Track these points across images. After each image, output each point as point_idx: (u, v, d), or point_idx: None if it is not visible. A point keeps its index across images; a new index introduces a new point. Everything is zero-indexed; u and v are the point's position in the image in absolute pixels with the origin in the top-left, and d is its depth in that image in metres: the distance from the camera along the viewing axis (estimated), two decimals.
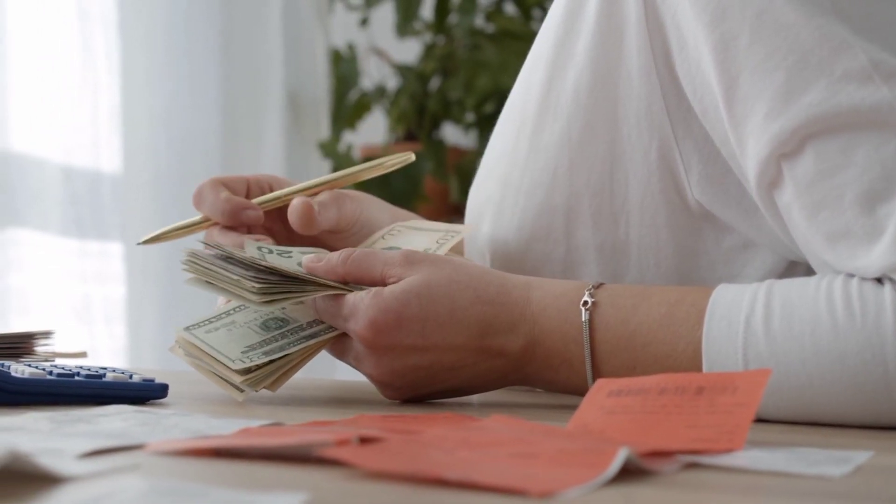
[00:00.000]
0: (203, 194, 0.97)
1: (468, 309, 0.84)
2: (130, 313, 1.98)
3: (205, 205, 0.97)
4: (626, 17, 0.88)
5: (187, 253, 0.90)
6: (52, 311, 1.83)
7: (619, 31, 0.89)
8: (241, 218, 0.97)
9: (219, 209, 0.96)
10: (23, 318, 1.79)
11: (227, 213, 0.96)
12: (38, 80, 1.85)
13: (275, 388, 0.86)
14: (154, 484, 0.48)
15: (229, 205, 0.96)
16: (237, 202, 0.96)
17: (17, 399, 0.81)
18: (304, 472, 0.55)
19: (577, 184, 0.92)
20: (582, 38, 0.91)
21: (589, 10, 0.91)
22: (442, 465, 0.53)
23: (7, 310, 1.79)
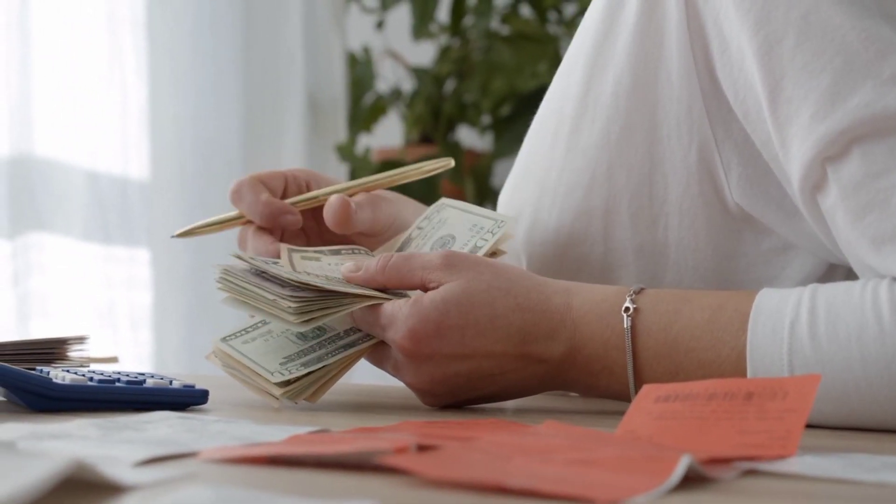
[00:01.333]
0: (242, 193, 0.97)
1: (508, 316, 0.83)
2: (157, 319, 1.98)
3: (243, 204, 0.97)
4: (666, 19, 0.88)
5: (220, 270, 0.89)
6: (74, 315, 1.83)
7: (659, 33, 0.89)
8: (278, 222, 0.96)
9: (257, 211, 0.96)
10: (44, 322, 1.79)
11: (265, 215, 0.96)
12: (64, 84, 1.85)
13: (314, 400, 0.85)
14: (221, 493, 0.47)
15: (268, 208, 0.96)
16: (276, 206, 0.96)
17: (59, 405, 0.80)
18: (364, 479, 0.55)
19: (616, 185, 0.92)
20: (621, 40, 0.91)
21: (629, 12, 0.90)
22: (503, 473, 0.53)
23: (28, 314, 1.78)
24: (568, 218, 0.94)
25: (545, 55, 2.44)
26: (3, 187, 1.77)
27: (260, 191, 0.97)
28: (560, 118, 0.96)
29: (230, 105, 2.18)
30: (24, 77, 1.79)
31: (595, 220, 0.93)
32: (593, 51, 0.93)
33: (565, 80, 0.97)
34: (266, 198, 0.97)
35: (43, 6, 1.82)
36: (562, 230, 0.94)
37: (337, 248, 0.97)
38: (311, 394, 0.85)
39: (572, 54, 0.98)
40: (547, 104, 1.00)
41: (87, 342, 1.01)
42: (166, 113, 2.06)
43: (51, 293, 1.83)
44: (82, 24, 1.89)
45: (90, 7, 1.90)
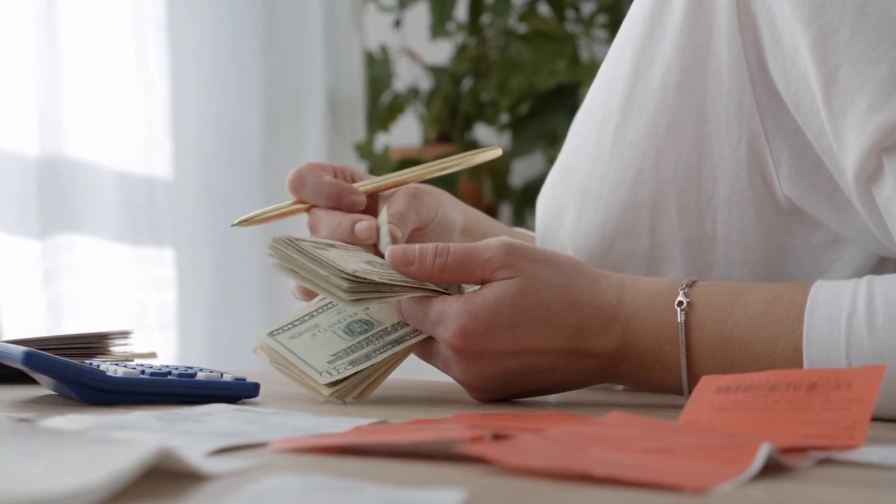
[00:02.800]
0: (304, 178, 0.96)
1: (562, 314, 0.83)
2: (182, 319, 1.98)
3: (307, 188, 0.96)
4: (715, 11, 0.88)
5: (274, 238, 0.88)
6: (104, 316, 1.83)
7: (708, 26, 0.88)
8: (345, 201, 0.96)
9: (324, 192, 0.96)
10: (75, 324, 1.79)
11: (332, 196, 0.96)
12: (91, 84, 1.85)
13: (363, 399, 0.85)
14: (309, 481, 0.47)
15: (335, 188, 0.96)
16: (342, 186, 0.96)
17: (111, 398, 0.80)
18: (440, 468, 0.54)
19: (664, 179, 0.91)
20: (669, 33, 0.91)
21: (676, 5, 0.90)
22: (586, 462, 0.53)
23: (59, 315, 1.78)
24: (614, 212, 0.94)
25: (563, 53, 2.43)
26: (33, 188, 1.77)
27: (322, 174, 0.97)
28: (606, 113, 0.96)
29: (251, 104, 2.17)
30: (52, 78, 1.79)
31: (642, 214, 0.93)
32: (640, 45, 0.93)
33: (611, 75, 0.97)
34: (330, 178, 0.97)
35: (70, 7, 1.82)
36: (608, 224, 0.94)
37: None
38: (359, 392, 0.85)
39: (617, 49, 0.97)
40: (591, 100, 1.00)
41: (131, 337, 1.01)
42: (189, 112, 2.06)
43: (81, 294, 1.82)
44: (109, 24, 1.89)
45: (116, 7, 1.90)
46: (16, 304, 1.75)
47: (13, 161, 1.76)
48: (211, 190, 2.08)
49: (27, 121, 1.77)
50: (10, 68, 1.75)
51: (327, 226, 0.95)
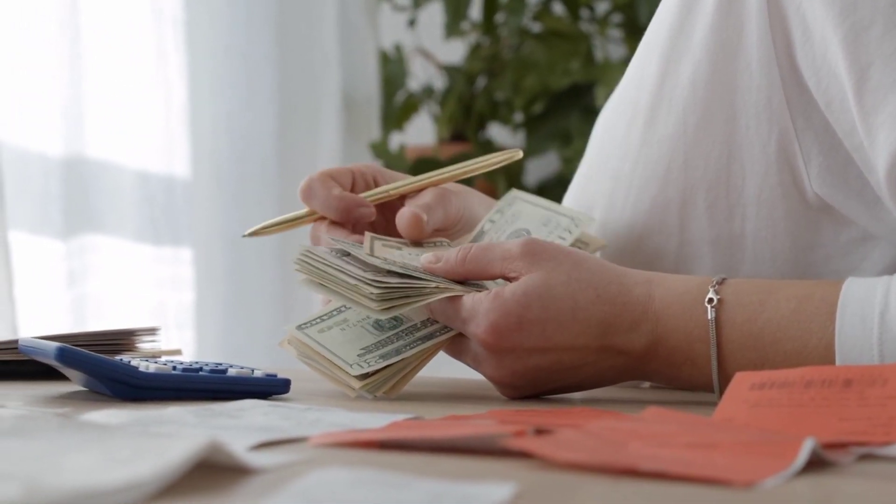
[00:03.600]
0: (314, 189, 0.96)
1: (589, 308, 0.83)
2: (199, 318, 1.98)
3: (316, 200, 0.96)
4: (746, 8, 0.88)
5: (301, 251, 0.88)
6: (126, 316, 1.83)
7: (738, 23, 0.88)
8: (352, 215, 0.96)
9: (332, 206, 0.95)
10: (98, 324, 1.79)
11: (340, 210, 0.95)
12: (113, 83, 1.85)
13: (393, 394, 0.85)
14: (358, 475, 0.47)
15: (343, 202, 0.95)
16: (350, 199, 0.96)
17: (143, 394, 0.80)
18: (483, 463, 0.54)
19: (693, 177, 0.91)
20: (699, 31, 0.91)
21: (706, 3, 0.90)
22: (630, 456, 0.53)
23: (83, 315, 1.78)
24: (643, 210, 0.94)
25: (577, 53, 2.43)
26: (57, 188, 1.77)
27: (331, 186, 0.97)
28: (634, 110, 0.96)
29: (266, 104, 2.17)
30: (74, 77, 1.79)
31: (671, 211, 0.92)
32: (669, 42, 0.93)
33: (639, 73, 0.97)
34: (339, 192, 0.96)
35: (92, 7, 1.82)
36: (637, 222, 0.94)
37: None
38: (389, 387, 0.84)
39: (645, 47, 0.97)
40: (619, 97, 1.00)
41: (158, 333, 1.01)
42: (205, 112, 2.06)
43: (103, 294, 1.83)
44: (129, 23, 1.89)
45: (136, 6, 1.90)
46: (40, 304, 1.75)
47: (37, 161, 1.76)
48: (226, 189, 2.09)
49: (51, 121, 1.78)
50: (35, 69, 1.75)
51: (327, 243, 0.95)
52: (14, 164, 1.73)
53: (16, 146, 1.74)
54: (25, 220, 1.75)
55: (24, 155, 1.76)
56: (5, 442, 0.48)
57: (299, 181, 2.39)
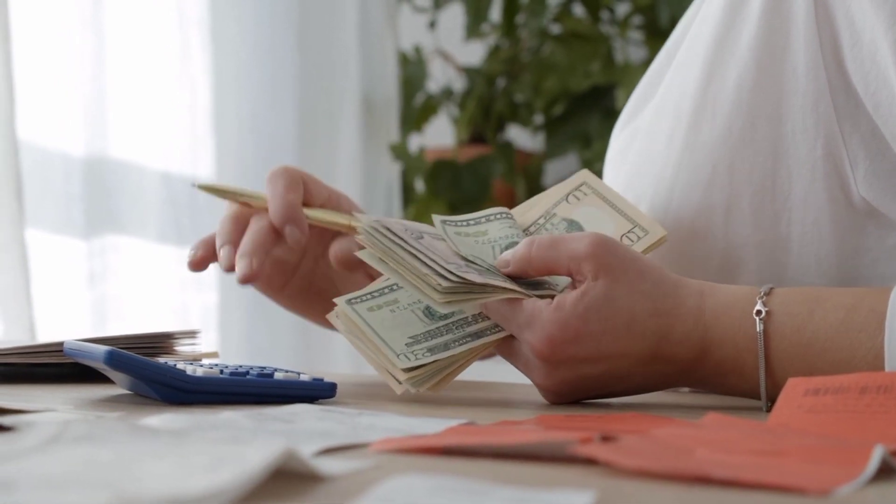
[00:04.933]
0: (275, 180, 0.96)
1: (645, 321, 0.82)
2: (222, 320, 1.98)
3: (271, 188, 0.95)
4: (793, 13, 0.87)
5: (371, 222, 0.85)
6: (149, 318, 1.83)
7: (785, 28, 0.88)
8: (285, 230, 0.94)
9: (276, 205, 0.94)
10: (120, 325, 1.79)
11: (280, 215, 0.94)
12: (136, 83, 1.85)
13: (437, 390, 0.84)
14: (435, 482, 0.47)
15: (288, 212, 0.94)
16: (293, 213, 0.94)
17: (190, 398, 0.80)
18: (553, 470, 0.54)
19: (738, 182, 0.91)
20: (744, 36, 0.90)
21: (752, 8, 0.90)
22: (700, 463, 0.53)
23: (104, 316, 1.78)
24: (687, 215, 0.93)
25: (597, 55, 2.43)
26: (79, 188, 1.77)
27: (293, 189, 0.95)
28: (677, 115, 0.95)
29: (286, 105, 2.17)
30: (98, 77, 1.79)
31: (716, 216, 0.92)
32: (713, 47, 0.93)
33: (681, 77, 0.96)
34: (292, 199, 0.95)
35: (116, 7, 1.82)
36: (680, 228, 0.93)
37: (480, 215, 0.92)
38: (435, 383, 0.83)
39: (688, 50, 0.97)
40: (661, 103, 0.99)
41: (198, 336, 1.01)
42: (229, 112, 2.06)
43: (125, 295, 1.82)
44: (154, 23, 1.89)
45: (161, 6, 1.90)
46: (60, 305, 1.75)
47: (59, 161, 1.76)
48: None
49: (74, 120, 1.78)
50: (58, 68, 1.76)
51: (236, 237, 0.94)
52: (36, 163, 1.73)
53: (38, 146, 1.74)
54: (47, 219, 1.75)
55: (47, 155, 1.76)
56: (78, 448, 0.48)
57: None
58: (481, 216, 0.92)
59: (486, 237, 0.89)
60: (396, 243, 0.84)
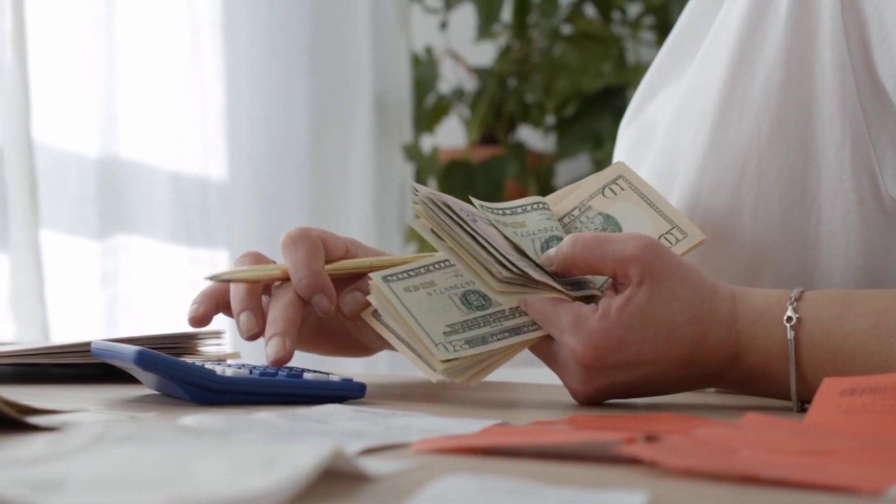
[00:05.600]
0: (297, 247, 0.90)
1: (683, 328, 0.81)
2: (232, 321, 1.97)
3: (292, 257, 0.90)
4: (820, 12, 0.87)
5: (428, 193, 0.82)
6: (160, 318, 1.83)
7: (812, 27, 0.88)
8: (311, 297, 0.89)
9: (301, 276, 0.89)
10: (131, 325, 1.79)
11: (307, 286, 0.88)
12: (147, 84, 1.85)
13: (472, 383, 0.82)
14: (485, 483, 0.47)
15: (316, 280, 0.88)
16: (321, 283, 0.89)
17: (220, 398, 0.80)
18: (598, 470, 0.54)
19: (766, 182, 0.90)
20: (771, 36, 0.90)
21: (779, 8, 0.89)
22: (750, 463, 0.52)
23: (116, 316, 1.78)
24: (714, 216, 0.93)
25: (609, 55, 2.43)
26: (92, 188, 1.77)
27: (315, 255, 0.90)
28: (701, 116, 0.94)
29: (299, 106, 2.17)
30: (110, 77, 1.79)
31: (743, 217, 0.92)
32: (738, 46, 0.92)
33: (705, 78, 0.96)
34: (317, 267, 0.89)
35: (128, 8, 1.82)
36: (707, 229, 0.92)
37: (517, 204, 0.90)
38: (470, 376, 0.81)
39: (711, 51, 0.96)
40: (685, 104, 0.99)
41: (223, 336, 1.00)
42: (241, 114, 2.06)
43: (136, 295, 1.82)
44: (165, 24, 1.89)
45: (172, 7, 1.90)
46: (73, 305, 1.75)
47: (73, 161, 1.76)
48: (261, 191, 2.08)
49: (88, 121, 1.77)
50: (71, 69, 1.75)
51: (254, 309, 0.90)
52: (50, 164, 1.72)
53: (52, 147, 1.74)
54: (61, 220, 1.75)
55: (61, 155, 1.75)
56: (123, 449, 0.48)
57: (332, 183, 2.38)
58: (518, 205, 0.90)
59: (525, 229, 0.88)
60: (456, 222, 0.82)
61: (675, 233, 0.89)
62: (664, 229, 0.89)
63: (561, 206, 0.92)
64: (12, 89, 1.59)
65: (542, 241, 0.87)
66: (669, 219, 0.90)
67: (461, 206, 0.84)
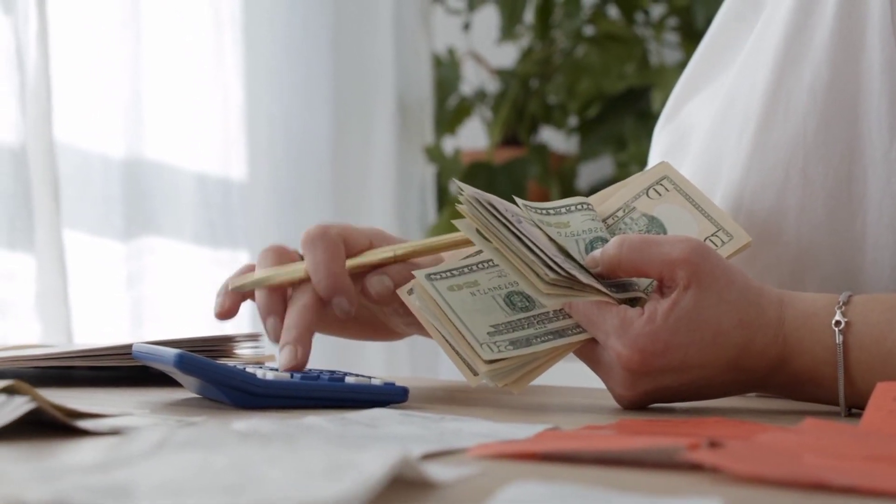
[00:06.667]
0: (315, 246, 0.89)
1: (730, 333, 0.80)
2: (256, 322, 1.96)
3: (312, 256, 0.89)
4: (868, 10, 0.86)
5: (473, 193, 0.81)
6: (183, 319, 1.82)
7: (860, 27, 0.87)
8: (331, 298, 0.89)
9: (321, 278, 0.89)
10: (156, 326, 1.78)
11: (328, 288, 0.88)
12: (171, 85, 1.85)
13: (517, 389, 0.80)
14: (555, 489, 0.46)
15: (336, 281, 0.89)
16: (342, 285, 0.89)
17: (261, 402, 0.79)
18: (661, 476, 0.53)
19: (812, 184, 0.89)
20: (818, 35, 0.89)
21: (826, 8, 0.88)
22: (819, 470, 0.51)
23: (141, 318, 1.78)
24: (758, 218, 0.91)
25: (632, 57, 2.41)
26: (117, 189, 1.77)
27: (335, 256, 0.90)
28: (745, 116, 0.93)
29: (320, 107, 2.16)
30: (134, 79, 1.79)
31: (788, 219, 0.90)
32: (784, 46, 0.91)
33: (749, 78, 0.95)
34: (336, 269, 0.89)
35: (152, 7, 1.82)
36: (751, 231, 0.91)
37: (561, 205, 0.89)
38: (514, 380, 0.80)
39: (756, 51, 0.95)
40: (727, 104, 0.98)
41: (261, 339, 1.00)
42: (262, 114, 2.05)
43: (161, 297, 1.82)
44: (189, 25, 1.89)
45: (196, 7, 1.90)
46: (98, 307, 1.74)
47: (98, 163, 1.76)
48: (282, 192, 2.08)
49: (113, 122, 1.77)
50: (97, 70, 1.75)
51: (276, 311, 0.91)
52: (75, 165, 1.72)
53: (78, 148, 1.74)
54: (86, 221, 1.74)
55: (86, 157, 1.75)
56: (188, 454, 0.47)
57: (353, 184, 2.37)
58: (562, 206, 0.88)
59: (569, 229, 0.86)
60: (502, 222, 0.81)
61: (720, 235, 0.88)
62: (710, 231, 0.88)
63: (604, 206, 0.91)
64: (36, 90, 1.58)
65: (587, 243, 0.86)
66: (715, 221, 0.88)
67: (506, 207, 0.83)
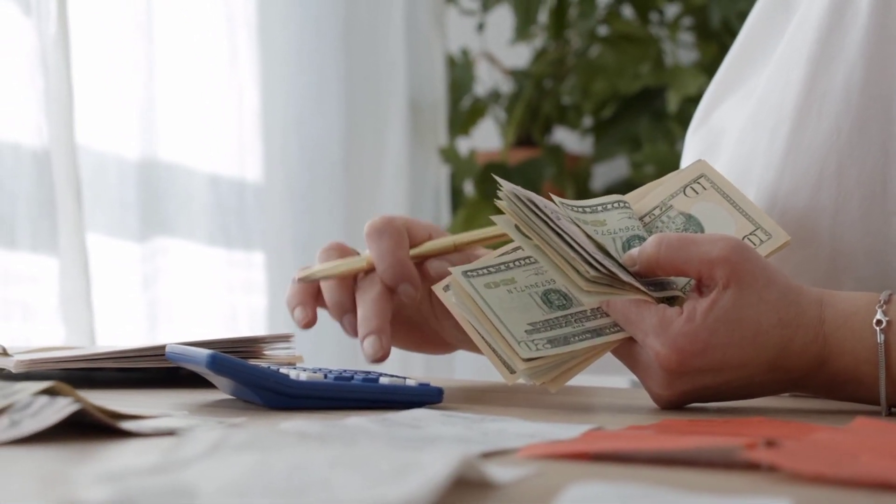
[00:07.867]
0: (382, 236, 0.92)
1: (769, 332, 0.79)
2: (271, 323, 1.96)
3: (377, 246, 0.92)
4: None
5: (511, 191, 0.81)
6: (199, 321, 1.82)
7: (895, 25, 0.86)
8: (398, 289, 0.92)
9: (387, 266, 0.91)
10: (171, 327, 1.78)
11: (393, 275, 0.91)
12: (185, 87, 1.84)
13: (554, 387, 0.80)
14: (620, 490, 0.45)
15: (401, 268, 0.91)
16: (407, 272, 0.92)
17: (295, 403, 0.78)
18: (716, 476, 0.52)
19: (847, 185, 0.89)
20: (853, 34, 0.88)
21: (860, 7, 0.88)
22: (882, 470, 0.51)
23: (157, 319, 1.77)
24: (792, 219, 0.91)
25: (647, 57, 2.41)
26: (132, 191, 1.76)
27: (399, 245, 0.92)
28: (779, 117, 0.93)
29: (333, 108, 2.16)
30: (150, 82, 1.78)
31: (822, 221, 0.90)
32: (817, 46, 0.91)
33: (783, 79, 0.94)
34: (402, 256, 0.92)
35: (167, 10, 1.81)
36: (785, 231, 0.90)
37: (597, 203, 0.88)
38: (552, 379, 0.79)
39: (788, 52, 0.95)
40: (760, 104, 0.97)
41: (292, 340, 0.99)
42: (276, 116, 2.05)
43: (176, 298, 1.81)
44: (203, 27, 1.88)
45: (210, 9, 1.89)
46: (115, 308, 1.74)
47: (114, 165, 1.75)
48: (297, 193, 2.08)
49: (129, 125, 1.77)
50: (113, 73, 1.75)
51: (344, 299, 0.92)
52: (93, 169, 1.72)
53: (95, 151, 1.73)
54: (103, 223, 1.74)
55: (103, 160, 1.75)
56: (245, 456, 0.46)
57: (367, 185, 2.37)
58: (598, 204, 0.88)
59: (606, 227, 0.86)
60: (542, 219, 0.80)
61: (759, 234, 0.87)
62: (748, 230, 0.87)
63: (641, 204, 0.90)
64: (58, 92, 1.58)
65: (624, 241, 0.85)
66: (753, 219, 0.87)
67: (545, 203, 0.82)
